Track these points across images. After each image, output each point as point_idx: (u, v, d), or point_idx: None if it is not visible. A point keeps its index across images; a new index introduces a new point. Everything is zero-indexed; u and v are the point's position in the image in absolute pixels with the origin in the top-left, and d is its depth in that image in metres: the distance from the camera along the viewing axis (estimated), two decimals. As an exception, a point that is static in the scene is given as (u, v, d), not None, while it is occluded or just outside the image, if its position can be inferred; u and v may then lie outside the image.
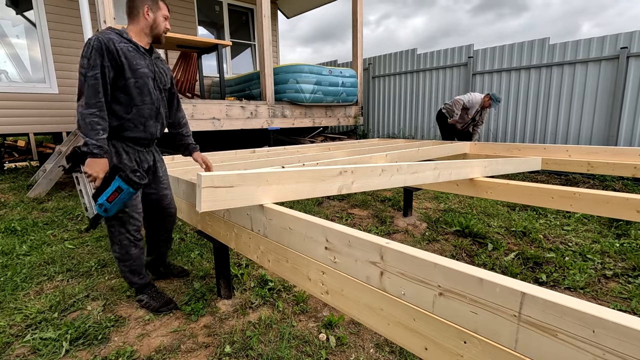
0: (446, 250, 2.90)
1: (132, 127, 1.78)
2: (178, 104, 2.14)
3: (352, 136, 7.64)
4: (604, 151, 3.74)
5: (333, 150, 3.95)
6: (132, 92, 1.73)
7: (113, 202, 1.65)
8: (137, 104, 1.76)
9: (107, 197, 1.64)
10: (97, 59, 1.59)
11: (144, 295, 2.03)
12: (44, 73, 6.23)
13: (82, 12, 3.94)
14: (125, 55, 1.68)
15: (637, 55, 4.76)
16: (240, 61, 9.09)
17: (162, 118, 1.94)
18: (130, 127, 1.78)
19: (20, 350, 1.71)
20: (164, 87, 1.91)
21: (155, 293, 2.04)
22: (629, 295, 2.18)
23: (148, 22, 1.78)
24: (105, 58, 1.61)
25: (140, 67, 1.74)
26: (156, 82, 1.84)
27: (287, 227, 1.41)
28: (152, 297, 2.02)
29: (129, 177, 1.64)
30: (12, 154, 6.76)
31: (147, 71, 1.77)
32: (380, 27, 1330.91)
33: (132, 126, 1.78)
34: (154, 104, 1.84)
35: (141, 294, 2.03)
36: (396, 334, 1.05)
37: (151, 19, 1.78)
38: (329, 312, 2.01)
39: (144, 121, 1.81)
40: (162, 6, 1.82)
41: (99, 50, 1.60)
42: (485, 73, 6.26)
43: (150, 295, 2.02)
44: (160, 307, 1.98)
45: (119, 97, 1.72)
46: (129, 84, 1.71)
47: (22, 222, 3.44)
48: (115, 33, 1.71)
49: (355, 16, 7.00)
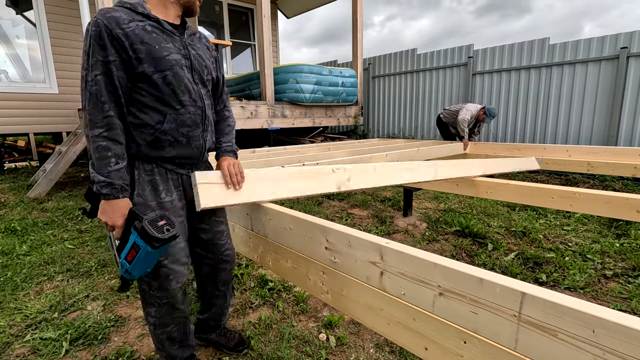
0: (446, 250, 2.90)
1: (172, 141, 1.24)
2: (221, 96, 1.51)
3: (352, 136, 7.65)
4: (604, 151, 3.75)
5: (333, 150, 3.95)
6: (163, 90, 1.20)
7: (133, 263, 1.15)
8: (175, 107, 1.23)
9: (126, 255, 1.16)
10: (98, 54, 1.10)
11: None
12: (44, 73, 6.23)
13: (82, 12, 3.95)
14: (141, 39, 1.15)
15: (637, 55, 4.77)
16: (240, 61, 9.09)
17: (212, 124, 1.40)
18: (170, 142, 1.24)
19: (20, 350, 1.71)
20: (207, 77, 1.35)
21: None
22: (629, 295, 2.18)
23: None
24: (108, 50, 1.11)
25: (168, 52, 1.20)
26: (195, 72, 1.29)
27: (287, 227, 1.41)
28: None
29: (145, 230, 1.10)
30: (12, 154, 6.76)
31: (178, 57, 1.23)
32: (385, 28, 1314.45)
33: (171, 140, 1.24)
34: (196, 105, 1.28)
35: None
36: (396, 334, 1.05)
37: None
38: (329, 312, 2.01)
39: (187, 132, 1.27)
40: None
41: (99, 39, 1.10)
42: (485, 73, 6.26)
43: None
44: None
45: (145, 101, 1.20)
46: (155, 80, 1.18)
47: (22, 222, 3.44)
48: (125, 8, 1.18)
49: (355, 16, 7.00)
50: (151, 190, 1.24)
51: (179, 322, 1.38)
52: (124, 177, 1.16)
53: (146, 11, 1.19)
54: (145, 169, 1.24)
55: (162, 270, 1.27)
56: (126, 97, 1.18)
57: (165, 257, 1.26)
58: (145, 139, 1.22)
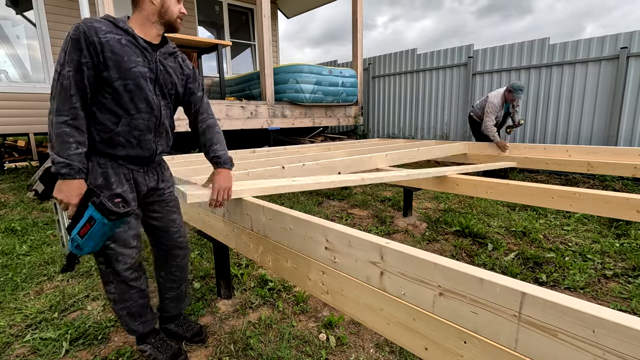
0: (446, 250, 2.90)
1: (123, 142, 1.38)
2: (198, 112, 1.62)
3: (352, 136, 7.65)
4: (604, 151, 3.74)
5: (333, 150, 3.95)
6: (122, 97, 1.34)
7: (86, 237, 1.27)
8: (131, 112, 1.37)
9: (79, 230, 1.28)
10: (74, 54, 1.25)
11: (147, 345, 1.61)
12: (44, 73, 6.23)
13: (82, 12, 3.95)
14: (112, 50, 1.29)
15: (637, 55, 4.76)
16: (240, 61, 9.09)
17: (167, 131, 1.54)
18: (122, 143, 1.38)
19: (20, 350, 1.71)
20: (170, 90, 1.49)
21: (161, 342, 1.63)
22: (629, 295, 2.18)
23: (155, 6, 1.39)
24: (83, 52, 1.26)
25: (134, 65, 1.34)
26: (158, 85, 1.43)
27: (287, 227, 1.41)
28: (157, 348, 1.61)
29: (103, 203, 1.24)
30: (12, 154, 6.76)
31: (144, 70, 1.37)
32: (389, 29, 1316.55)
33: (123, 141, 1.38)
34: (152, 114, 1.42)
35: (143, 344, 1.61)
36: (396, 334, 1.05)
37: (159, 3, 1.39)
38: (329, 312, 2.01)
39: (138, 135, 1.40)
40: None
41: (77, 42, 1.25)
42: (485, 73, 6.26)
43: (154, 345, 1.61)
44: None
45: (105, 103, 1.34)
46: (117, 86, 1.32)
47: (22, 222, 3.45)
48: (108, 21, 1.35)
49: (355, 16, 7.00)
50: (103, 180, 1.38)
51: (136, 299, 1.53)
52: (83, 162, 1.29)
53: (126, 27, 1.36)
54: (99, 162, 1.38)
55: (110, 253, 1.42)
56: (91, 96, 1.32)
57: (114, 241, 1.41)
58: (101, 136, 1.36)
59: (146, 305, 1.59)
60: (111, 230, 1.34)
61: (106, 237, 1.35)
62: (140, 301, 1.55)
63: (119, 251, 1.43)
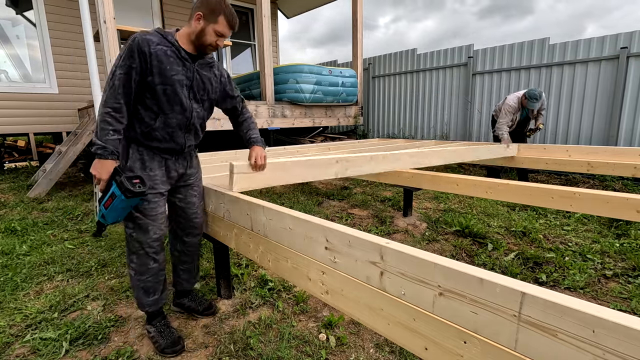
0: (446, 250, 2.90)
1: (158, 136, 1.65)
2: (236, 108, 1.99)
3: (352, 136, 7.64)
4: (604, 151, 3.75)
5: (333, 150, 3.95)
6: (160, 99, 1.61)
7: (109, 209, 1.53)
8: (166, 112, 1.64)
9: (105, 202, 1.53)
10: (127, 60, 1.53)
11: (152, 327, 1.78)
12: (44, 73, 6.23)
13: (82, 12, 3.94)
14: (158, 59, 1.57)
15: (637, 55, 4.76)
16: (240, 61, 9.09)
17: (197, 129, 1.80)
18: (157, 137, 1.65)
19: (20, 350, 1.71)
20: (202, 96, 1.76)
21: (165, 327, 1.79)
22: (629, 295, 2.18)
23: (195, 29, 1.63)
24: (135, 59, 1.53)
25: (175, 73, 1.61)
26: (192, 91, 1.70)
27: (287, 227, 1.41)
28: (160, 332, 1.77)
29: (122, 182, 1.48)
30: (12, 154, 6.76)
31: (181, 78, 1.64)
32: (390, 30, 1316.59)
33: (158, 135, 1.65)
34: (184, 115, 1.69)
35: (150, 324, 1.80)
36: (396, 334, 1.05)
37: (199, 28, 1.63)
38: (329, 312, 2.01)
39: (170, 132, 1.67)
40: (221, 22, 1.64)
41: (131, 50, 1.53)
42: (485, 73, 6.26)
43: (158, 329, 1.78)
44: (165, 348, 1.71)
45: (147, 102, 1.61)
46: (157, 90, 1.59)
47: (22, 222, 3.44)
48: (160, 35, 1.62)
49: (355, 16, 7.00)
50: (140, 164, 1.66)
51: (153, 272, 1.73)
52: (116, 146, 1.53)
53: (172, 39, 1.63)
54: (137, 150, 1.66)
55: (142, 221, 1.66)
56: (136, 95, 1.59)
57: (147, 215, 1.66)
58: (142, 129, 1.64)
59: (160, 283, 1.78)
60: (130, 206, 1.58)
61: (126, 212, 1.59)
62: (156, 277, 1.75)
63: (147, 222, 1.67)
